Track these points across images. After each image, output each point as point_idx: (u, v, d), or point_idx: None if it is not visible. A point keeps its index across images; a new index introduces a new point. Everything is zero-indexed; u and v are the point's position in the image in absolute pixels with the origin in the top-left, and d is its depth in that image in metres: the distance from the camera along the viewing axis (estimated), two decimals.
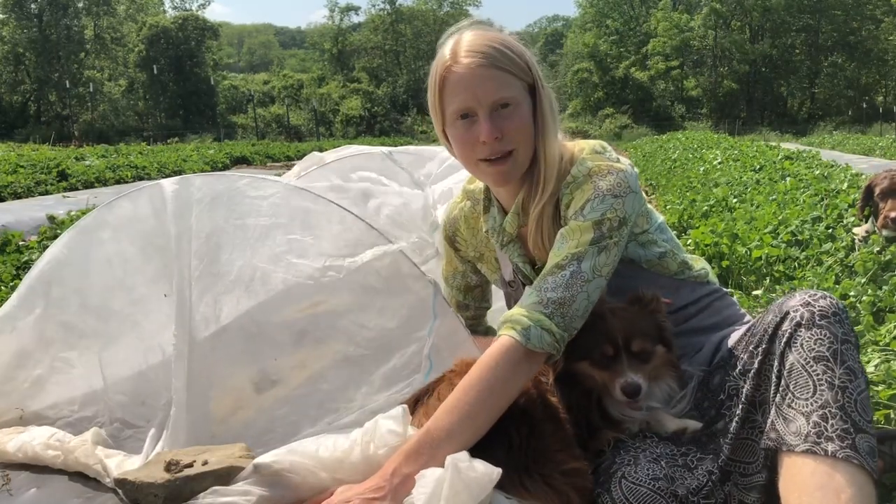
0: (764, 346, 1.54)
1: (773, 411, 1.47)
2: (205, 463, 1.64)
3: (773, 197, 6.59)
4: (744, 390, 1.56)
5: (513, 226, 1.88)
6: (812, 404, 1.41)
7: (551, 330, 1.59)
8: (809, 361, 1.44)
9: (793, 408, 1.43)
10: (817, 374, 1.42)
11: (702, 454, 1.59)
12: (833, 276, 3.81)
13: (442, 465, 1.46)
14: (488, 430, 1.56)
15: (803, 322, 1.47)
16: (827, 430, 1.37)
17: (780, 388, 1.47)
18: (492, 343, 1.64)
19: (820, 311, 1.47)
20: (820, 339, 1.45)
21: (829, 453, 1.35)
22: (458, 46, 1.71)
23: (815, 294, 1.51)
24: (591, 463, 1.65)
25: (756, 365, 1.54)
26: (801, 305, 1.49)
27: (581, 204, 1.70)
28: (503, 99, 1.69)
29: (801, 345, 1.46)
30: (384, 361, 2.00)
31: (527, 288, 1.71)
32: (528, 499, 1.56)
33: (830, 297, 1.51)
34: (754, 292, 3.93)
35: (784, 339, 1.48)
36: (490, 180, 1.86)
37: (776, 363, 1.49)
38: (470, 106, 1.71)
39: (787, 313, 1.50)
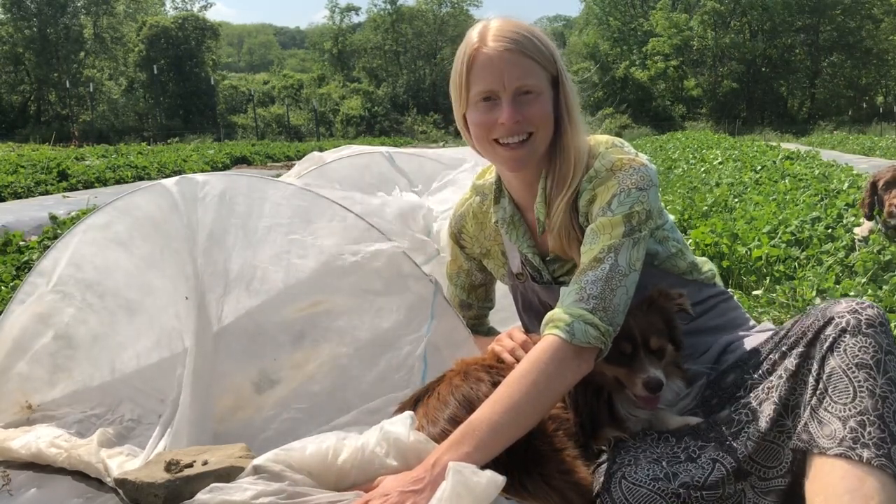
0: (801, 349, 1.52)
1: (806, 413, 1.46)
2: (205, 463, 1.65)
3: (773, 197, 6.59)
4: (776, 391, 1.54)
5: (543, 213, 1.88)
6: (850, 409, 1.40)
7: (595, 324, 1.59)
8: (851, 367, 1.43)
9: (829, 411, 1.42)
10: (858, 381, 1.42)
11: (703, 443, 1.58)
12: (833, 276, 3.81)
13: (484, 457, 1.48)
14: (533, 427, 1.56)
15: (849, 328, 1.47)
16: (864, 436, 1.37)
17: (818, 392, 1.46)
18: (537, 343, 1.64)
19: (867, 319, 1.47)
20: (864, 346, 1.44)
21: (865, 460, 1.35)
22: (487, 31, 1.74)
23: (863, 303, 1.51)
24: (591, 463, 1.66)
25: (793, 368, 1.52)
26: (848, 312, 1.49)
27: (607, 199, 1.72)
28: (527, 85, 1.72)
29: (845, 350, 1.45)
30: (382, 362, 2.00)
31: (563, 289, 1.71)
32: (528, 499, 1.56)
33: (877, 308, 1.50)
34: (754, 292, 3.94)
35: (827, 344, 1.47)
36: (504, 164, 1.86)
37: (815, 366, 1.48)
38: (494, 88, 1.73)
39: (832, 318, 1.50)
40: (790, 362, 1.53)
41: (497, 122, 1.73)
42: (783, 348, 1.58)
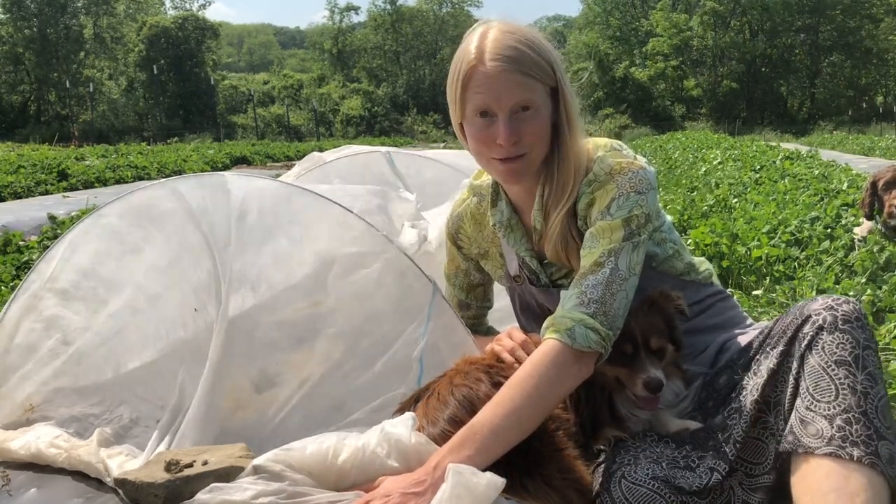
0: (782, 348, 1.53)
1: (791, 415, 1.46)
2: (205, 463, 1.65)
3: (773, 197, 6.59)
4: (757, 391, 1.55)
5: (540, 221, 1.88)
6: (835, 408, 1.41)
7: (596, 328, 1.59)
8: (831, 365, 1.44)
9: (812, 410, 1.43)
10: (839, 378, 1.42)
11: (702, 452, 1.59)
12: (833, 276, 3.81)
13: (485, 460, 1.48)
14: (533, 430, 1.57)
15: (825, 325, 1.47)
16: (852, 434, 1.37)
17: (800, 391, 1.46)
18: (538, 347, 1.64)
19: (843, 315, 1.47)
20: (842, 343, 1.45)
21: (855, 458, 1.35)
22: (484, 45, 1.70)
23: (839, 299, 1.51)
24: (591, 463, 1.66)
25: (773, 366, 1.53)
26: (824, 309, 1.49)
27: (606, 203, 1.72)
28: (524, 102, 1.70)
29: (823, 348, 1.46)
30: (380, 361, 2.00)
31: (563, 292, 1.72)
32: (528, 499, 1.56)
33: (854, 303, 1.51)
34: (754, 292, 3.94)
35: (805, 342, 1.48)
36: (501, 178, 1.87)
37: (795, 365, 1.49)
38: (491, 107, 1.71)
39: (809, 316, 1.50)
40: (772, 361, 1.54)
41: (494, 140, 1.72)
42: (767, 348, 1.59)
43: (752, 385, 1.57)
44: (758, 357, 1.61)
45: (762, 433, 1.54)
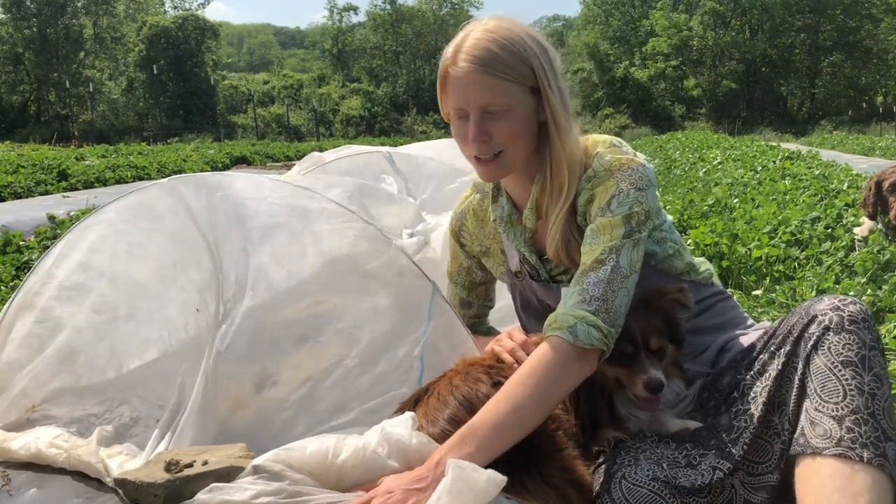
0: (788, 348, 1.53)
1: (802, 417, 1.46)
2: (205, 463, 1.65)
3: (773, 197, 6.59)
4: (765, 391, 1.55)
5: (532, 221, 1.89)
6: (843, 409, 1.41)
7: (597, 325, 1.59)
8: (837, 365, 1.44)
9: (820, 411, 1.43)
10: (846, 379, 1.42)
11: (704, 450, 1.59)
12: (833, 276, 3.81)
13: (486, 458, 1.48)
14: (535, 428, 1.57)
15: (832, 326, 1.47)
16: (862, 436, 1.37)
17: (807, 392, 1.46)
18: (538, 344, 1.65)
19: (849, 315, 1.47)
20: (848, 343, 1.45)
21: (865, 459, 1.35)
22: (461, 46, 1.72)
23: (845, 299, 1.51)
24: (591, 463, 1.66)
25: (780, 367, 1.53)
26: (831, 309, 1.49)
27: (606, 200, 1.72)
28: (492, 105, 1.70)
29: (829, 348, 1.46)
30: (381, 361, 2.00)
31: (564, 289, 1.72)
32: (528, 498, 1.56)
33: (860, 303, 1.51)
34: (754, 292, 3.94)
35: (811, 342, 1.48)
36: (480, 176, 1.89)
37: (800, 365, 1.49)
38: (462, 107, 1.73)
39: (815, 317, 1.50)
40: (778, 362, 1.54)
41: (468, 138, 1.74)
42: (772, 348, 1.59)
43: (760, 387, 1.57)
44: (762, 357, 1.61)
45: (766, 432, 1.54)
